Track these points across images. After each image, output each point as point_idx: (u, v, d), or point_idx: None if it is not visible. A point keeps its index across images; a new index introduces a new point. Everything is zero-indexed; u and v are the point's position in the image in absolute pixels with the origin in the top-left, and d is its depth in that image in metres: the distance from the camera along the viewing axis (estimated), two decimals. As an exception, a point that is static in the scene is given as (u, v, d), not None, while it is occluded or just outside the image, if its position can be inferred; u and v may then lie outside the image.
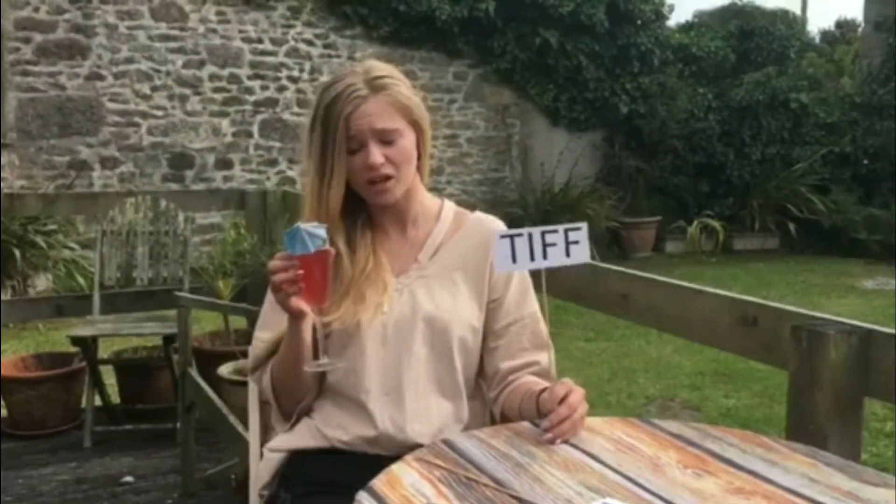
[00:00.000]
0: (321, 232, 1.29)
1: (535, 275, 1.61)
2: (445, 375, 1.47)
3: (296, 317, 1.36)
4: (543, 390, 1.37)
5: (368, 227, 1.51)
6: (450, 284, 1.49)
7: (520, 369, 1.49)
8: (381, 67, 1.47)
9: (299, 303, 1.33)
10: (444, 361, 1.47)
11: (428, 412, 1.44)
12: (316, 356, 1.39)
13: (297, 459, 1.48)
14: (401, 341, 1.45)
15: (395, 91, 1.44)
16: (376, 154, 1.41)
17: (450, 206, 1.59)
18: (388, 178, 1.43)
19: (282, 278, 1.30)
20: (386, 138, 1.42)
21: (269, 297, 1.46)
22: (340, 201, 1.44)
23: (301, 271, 1.29)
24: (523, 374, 1.49)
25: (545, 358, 1.50)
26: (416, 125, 1.47)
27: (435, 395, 1.46)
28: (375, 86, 1.42)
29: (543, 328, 1.53)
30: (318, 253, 1.29)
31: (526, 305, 1.53)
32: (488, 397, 1.55)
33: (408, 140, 1.45)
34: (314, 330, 1.39)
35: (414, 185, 1.50)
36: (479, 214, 1.59)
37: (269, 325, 1.49)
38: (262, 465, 1.52)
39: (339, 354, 1.43)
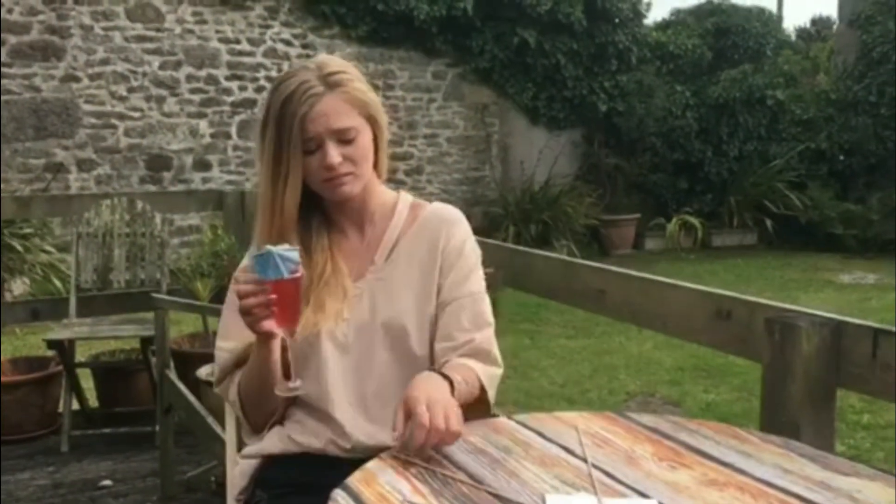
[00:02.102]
0: (294, 255, 1.26)
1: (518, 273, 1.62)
2: (410, 379, 1.40)
3: (265, 339, 1.33)
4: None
5: (325, 228, 1.47)
6: (407, 284, 1.45)
7: (453, 350, 1.42)
8: (334, 62, 1.41)
9: (271, 326, 1.29)
10: (407, 365, 1.42)
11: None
12: (286, 375, 1.35)
13: (272, 463, 1.46)
14: (362, 349, 1.42)
15: (351, 87, 1.39)
16: (334, 154, 1.37)
17: (405, 200, 1.53)
18: (345, 174, 1.39)
19: (252, 303, 1.26)
20: (343, 137, 1.38)
21: (230, 305, 1.43)
22: (297, 206, 1.40)
23: (273, 296, 1.25)
24: (455, 355, 1.41)
25: (482, 335, 1.44)
26: (372, 120, 1.42)
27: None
28: (330, 82, 1.37)
29: (486, 308, 1.48)
30: (291, 278, 1.26)
31: (466, 285, 1.46)
32: None
33: (365, 137, 1.41)
34: (283, 349, 1.35)
35: (371, 181, 1.46)
36: (436, 206, 1.54)
37: (232, 335, 1.45)
38: (238, 472, 1.50)
39: (301, 365, 1.39)
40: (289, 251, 1.26)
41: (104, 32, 7.44)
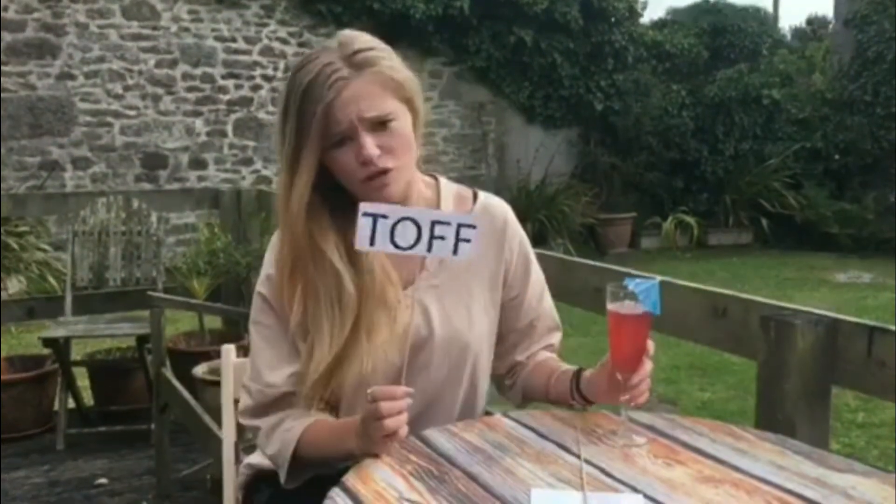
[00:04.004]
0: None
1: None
2: (465, 394, 1.36)
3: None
4: (580, 371, 1.32)
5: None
6: (464, 294, 1.33)
7: (536, 353, 1.44)
8: (360, 39, 1.23)
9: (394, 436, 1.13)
10: (464, 381, 1.34)
11: None
12: None
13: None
14: (416, 368, 1.28)
15: (383, 66, 1.21)
16: (370, 146, 1.18)
17: (448, 192, 1.38)
18: (386, 171, 1.21)
19: (397, 409, 1.10)
20: (379, 126, 1.20)
21: (269, 337, 1.29)
22: (305, 206, 1.21)
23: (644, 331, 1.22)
24: (537, 353, 1.44)
25: (557, 337, 1.47)
26: (409, 103, 1.24)
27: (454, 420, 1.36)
28: (358, 62, 1.19)
29: (555, 312, 1.47)
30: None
31: (545, 297, 1.45)
32: (503, 385, 1.48)
33: (403, 122, 1.22)
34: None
35: (412, 174, 1.30)
36: (483, 200, 1.40)
37: (277, 365, 1.28)
38: (241, 481, 1.46)
39: (356, 392, 1.27)
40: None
41: (100, 30, 7.42)
